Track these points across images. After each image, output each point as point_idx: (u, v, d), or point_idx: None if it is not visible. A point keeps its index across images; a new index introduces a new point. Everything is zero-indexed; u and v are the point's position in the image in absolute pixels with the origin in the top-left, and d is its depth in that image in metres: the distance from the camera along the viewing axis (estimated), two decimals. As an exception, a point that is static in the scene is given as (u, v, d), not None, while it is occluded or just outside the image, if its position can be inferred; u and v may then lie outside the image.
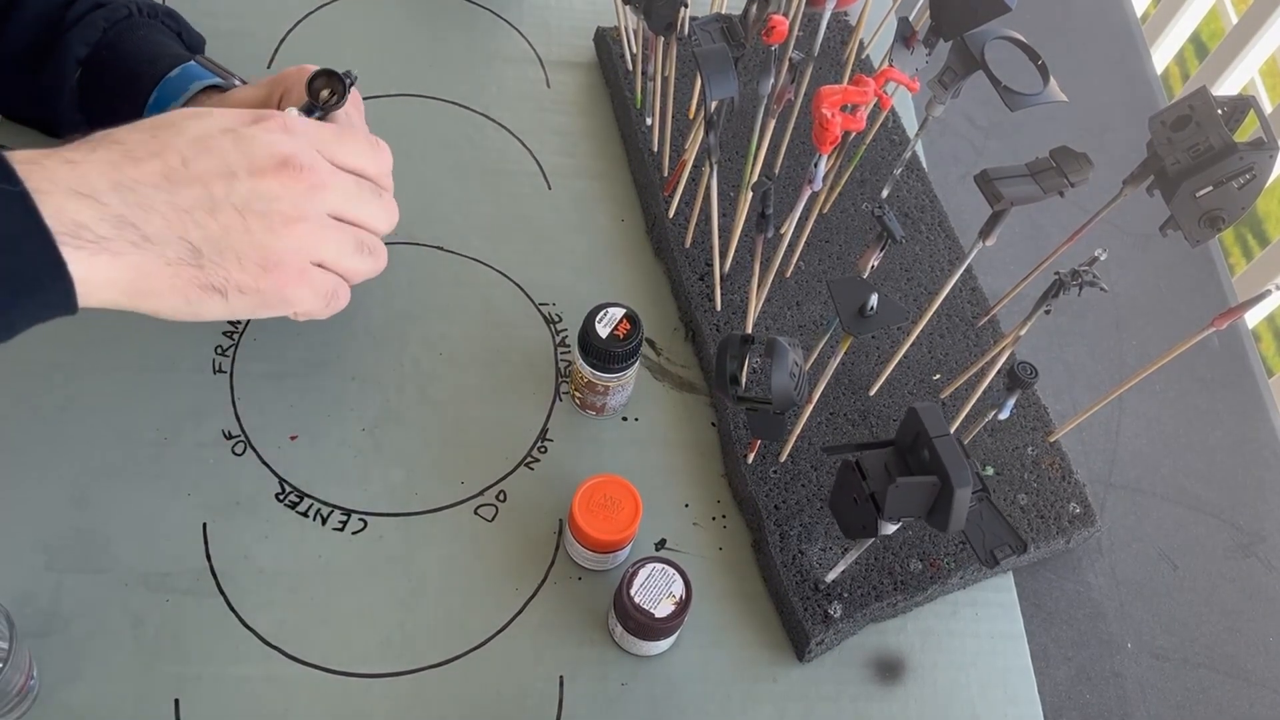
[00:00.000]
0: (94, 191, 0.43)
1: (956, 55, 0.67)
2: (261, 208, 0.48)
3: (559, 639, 0.64)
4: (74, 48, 0.66)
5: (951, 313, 0.78)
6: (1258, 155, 0.59)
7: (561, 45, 0.90)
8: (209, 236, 0.46)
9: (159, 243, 0.45)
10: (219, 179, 0.46)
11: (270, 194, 0.48)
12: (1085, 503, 0.72)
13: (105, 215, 0.43)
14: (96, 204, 0.43)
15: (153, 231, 0.45)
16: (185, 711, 0.58)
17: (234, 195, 0.47)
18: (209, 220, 0.46)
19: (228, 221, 0.47)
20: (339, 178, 0.53)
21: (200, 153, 0.46)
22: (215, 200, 0.46)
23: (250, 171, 0.47)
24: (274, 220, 0.48)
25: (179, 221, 0.45)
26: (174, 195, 0.45)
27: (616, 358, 0.65)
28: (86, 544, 0.62)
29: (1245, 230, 2.15)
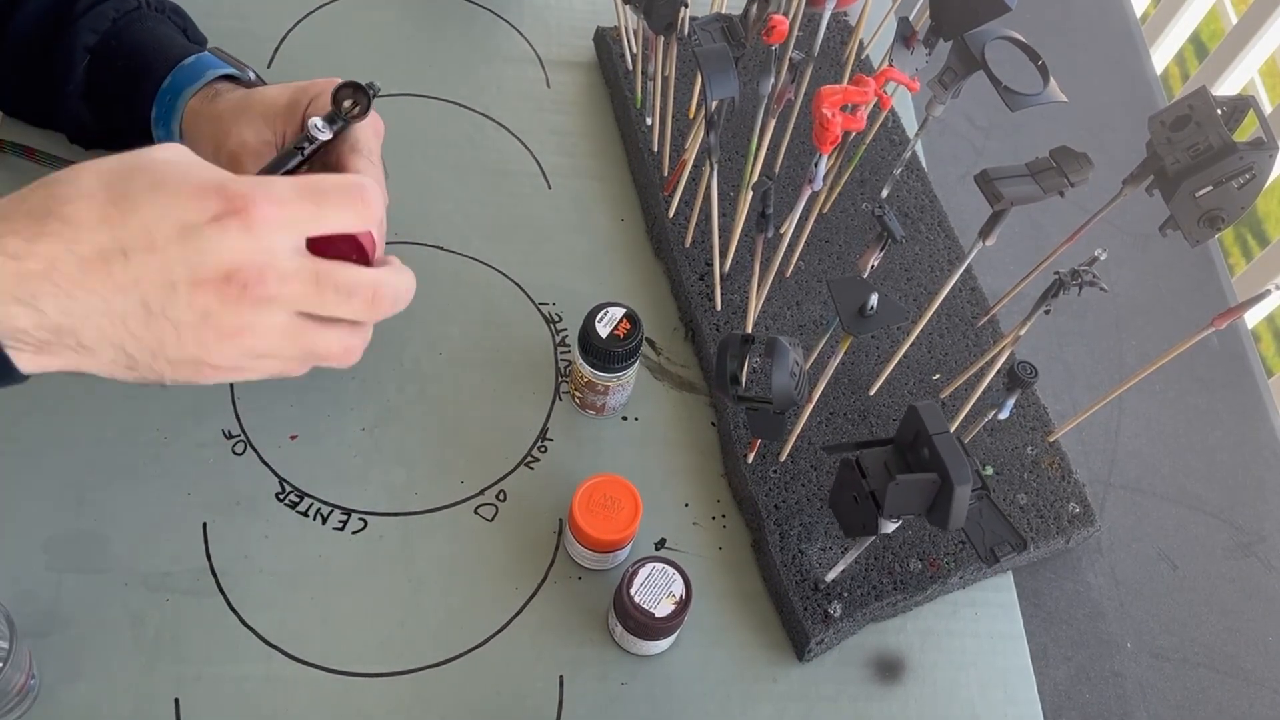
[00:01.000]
0: (34, 298, 0.42)
1: (956, 55, 0.67)
2: (197, 322, 0.45)
3: (559, 639, 0.64)
4: (82, 36, 0.66)
5: (951, 313, 0.78)
6: (1257, 155, 0.59)
7: (561, 45, 0.90)
8: (143, 346, 0.45)
9: (95, 349, 0.45)
10: (157, 289, 0.44)
11: (208, 309, 0.45)
12: (1085, 502, 0.72)
13: (44, 323, 0.43)
14: (36, 311, 0.42)
15: (89, 340, 0.45)
16: (185, 711, 0.58)
17: (170, 309, 0.44)
18: (143, 331, 0.45)
19: (161, 333, 0.45)
20: (291, 287, 0.47)
21: (144, 252, 0.43)
22: (151, 312, 0.44)
23: (191, 283, 0.44)
24: (207, 335, 0.46)
25: (114, 331, 0.45)
26: (110, 303, 0.44)
27: (616, 358, 0.65)
28: (86, 544, 0.62)
29: (1245, 230, 2.15)
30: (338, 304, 0.49)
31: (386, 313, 0.51)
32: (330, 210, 0.48)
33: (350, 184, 0.49)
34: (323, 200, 0.47)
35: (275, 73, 0.82)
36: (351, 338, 0.51)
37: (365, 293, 0.49)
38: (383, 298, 0.50)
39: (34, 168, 0.72)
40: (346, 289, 0.48)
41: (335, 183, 0.48)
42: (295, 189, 0.47)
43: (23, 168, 0.73)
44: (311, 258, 0.48)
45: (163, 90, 0.66)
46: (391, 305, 0.51)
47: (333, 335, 0.50)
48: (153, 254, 0.43)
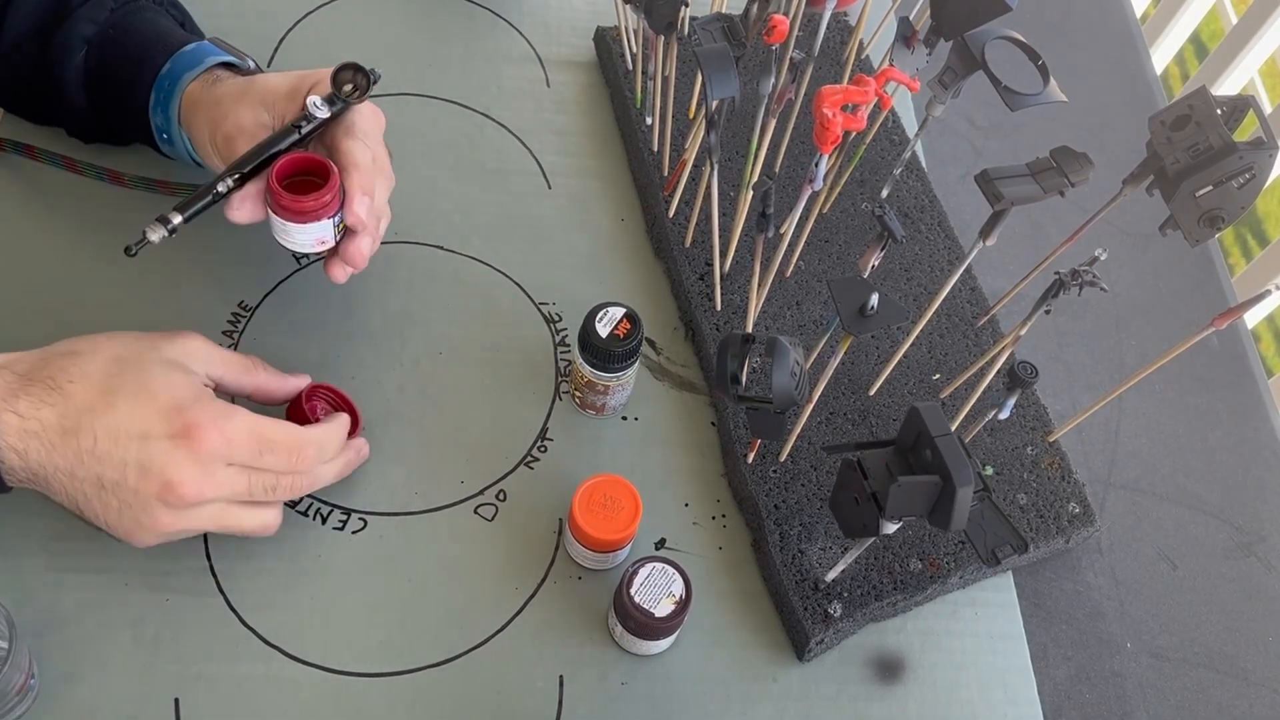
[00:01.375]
0: (25, 451, 0.53)
1: (956, 55, 0.67)
2: (140, 504, 0.55)
3: (559, 639, 0.64)
4: (80, 25, 0.66)
5: (951, 313, 0.78)
6: (1257, 155, 0.59)
7: (561, 45, 0.90)
8: (91, 507, 0.55)
9: (55, 494, 0.55)
10: (112, 471, 0.54)
11: (147, 501, 0.54)
12: (1085, 502, 0.72)
13: (26, 468, 0.54)
14: (24, 460, 0.53)
15: (53, 489, 0.55)
16: (185, 711, 0.58)
17: (120, 492, 0.54)
18: (95, 498, 0.55)
19: (107, 504, 0.55)
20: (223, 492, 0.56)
21: (109, 443, 0.53)
22: (103, 487, 0.54)
23: (139, 477, 0.54)
24: (144, 519, 0.55)
25: (73, 489, 0.55)
26: (76, 470, 0.54)
27: (616, 358, 0.65)
28: (86, 544, 0.61)
29: (1245, 230, 2.15)
30: (263, 496, 0.58)
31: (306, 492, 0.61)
32: (269, 459, 0.57)
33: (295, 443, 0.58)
34: (267, 449, 0.57)
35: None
36: (268, 514, 0.60)
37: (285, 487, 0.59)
38: (301, 488, 0.60)
39: (34, 166, 0.72)
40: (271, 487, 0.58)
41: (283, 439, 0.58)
42: (247, 432, 0.56)
43: (23, 166, 0.73)
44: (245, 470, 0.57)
45: (161, 76, 0.66)
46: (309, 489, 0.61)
47: (254, 515, 0.59)
48: (115, 446, 0.54)
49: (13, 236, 0.71)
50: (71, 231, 0.72)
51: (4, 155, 0.73)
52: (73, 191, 0.73)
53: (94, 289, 0.70)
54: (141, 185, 0.71)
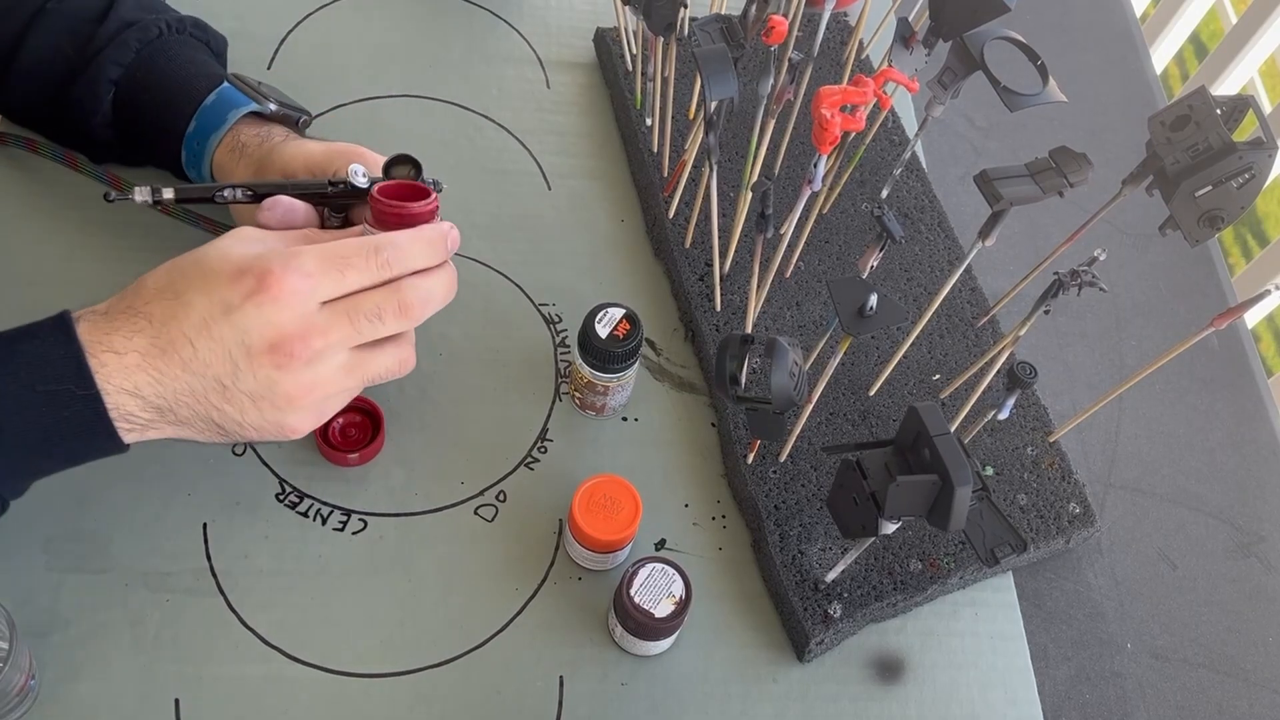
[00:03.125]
0: (137, 388, 0.51)
1: (956, 55, 0.67)
2: (264, 392, 0.53)
3: (559, 639, 0.64)
4: (107, 69, 0.66)
5: (951, 313, 0.78)
6: (1257, 155, 0.59)
7: (561, 45, 0.90)
8: (228, 416, 0.54)
9: (189, 423, 0.54)
10: (224, 366, 0.52)
11: (269, 378, 0.53)
12: (1085, 503, 0.72)
13: (147, 406, 0.52)
14: (139, 399, 0.52)
15: (183, 416, 0.53)
16: (185, 711, 0.58)
17: (240, 383, 0.53)
18: (224, 404, 0.53)
19: (240, 404, 0.53)
20: (335, 337, 0.54)
21: (205, 340, 0.52)
22: (226, 388, 0.53)
23: (247, 358, 0.52)
24: (279, 400, 0.53)
25: (201, 406, 0.53)
26: (193, 384, 0.52)
27: (616, 358, 0.65)
28: (86, 544, 0.62)
29: (1245, 230, 2.15)
30: (374, 329, 0.55)
31: (422, 314, 0.57)
32: (353, 276, 0.54)
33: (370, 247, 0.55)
34: (346, 267, 0.54)
35: (275, 74, 0.82)
36: (401, 350, 0.58)
37: (391, 308, 0.55)
38: (410, 304, 0.56)
39: (36, 159, 0.73)
40: (376, 313, 0.55)
41: (355, 247, 0.55)
42: (318, 257, 0.53)
43: (25, 159, 0.73)
44: (337, 303, 0.54)
45: (189, 135, 0.67)
46: (423, 307, 0.57)
47: (384, 355, 0.57)
48: (211, 339, 0.52)
49: (12, 230, 0.71)
50: (71, 226, 0.72)
51: (7, 149, 0.73)
52: (73, 186, 0.73)
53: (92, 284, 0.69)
54: None
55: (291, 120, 0.70)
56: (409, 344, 0.59)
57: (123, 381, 0.51)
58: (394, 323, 0.56)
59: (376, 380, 0.58)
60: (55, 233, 0.72)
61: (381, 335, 0.56)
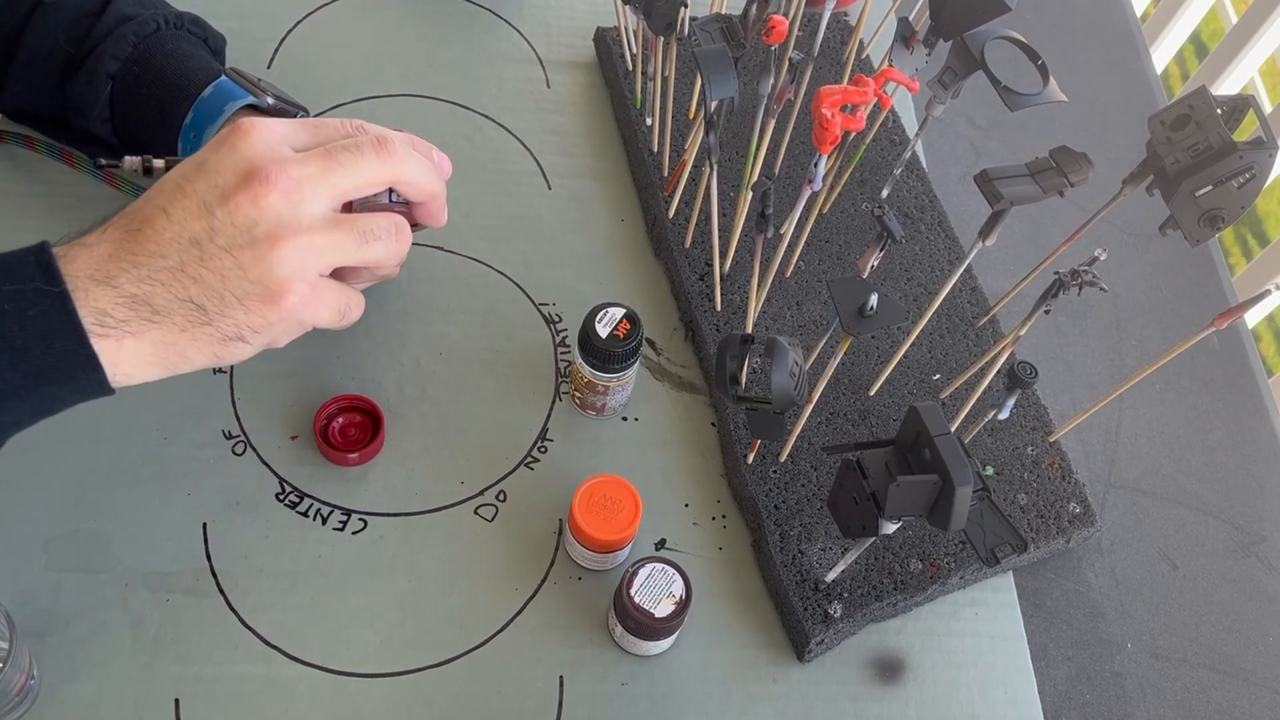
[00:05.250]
0: (108, 276, 0.47)
1: (956, 55, 0.67)
2: (245, 238, 0.49)
3: (559, 639, 0.64)
4: (105, 63, 0.66)
5: (951, 313, 0.78)
6: (1257, 154, 0.59)
7: (561, 45, 0.90)
8: (209, 288, 0.49)
9: (167, 312, 0.48)
10: (200, 222, 0.48)
11: (247, 218, 0.49)
12: (1085, 503, 0.72)
13: (120, 298, 0.47)
14: (111, 288, 0.47)
15: (160, 303, 0.48)
16: (185, 711, 0.58)
17: (216, 234, 0.48)
18: (203, 271, 0.48)
19: (220, 265, 0.49)
20: (312, 168, 0.51)
21: (176, 197, 0.48)
22: (201, 246, 0.48)
23: (221, 198, 0.48)
24: (261, 247, 0.49)
25: (178, 284, 0.48)
26: (169, 255, 0.48)
27: (616, 358, 0.65)
28: (86, 544, 0.62)
29: (1245, 230, 2.15)
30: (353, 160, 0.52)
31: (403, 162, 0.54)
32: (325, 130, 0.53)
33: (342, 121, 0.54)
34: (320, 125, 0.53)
35: (275, 73, 0.82)
36: (394, 243, 0.54)
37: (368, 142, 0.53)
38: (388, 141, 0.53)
39: (34, 157, 0.73)
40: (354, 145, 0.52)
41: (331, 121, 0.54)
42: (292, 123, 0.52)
43: (23, 157, 0.73)
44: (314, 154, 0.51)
45: (185, 127, 0.67)
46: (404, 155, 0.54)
47: (378, 216, 0.53)
48: (184, 196, 0.48)
49: (11, 229, 0.71)
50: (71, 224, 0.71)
51: (5, 146, 0.73)
52: (72, 184, 0.73)
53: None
54: (133, 191, 0.71)
55: (289, 115, 0.70)
56: (405, 238, 0.55)
57: (94, 270, 0.47)
58: (372, 157, 0.53)
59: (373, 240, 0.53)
60: (54, 232, 0.71)
61: (362, 171, 0.52)
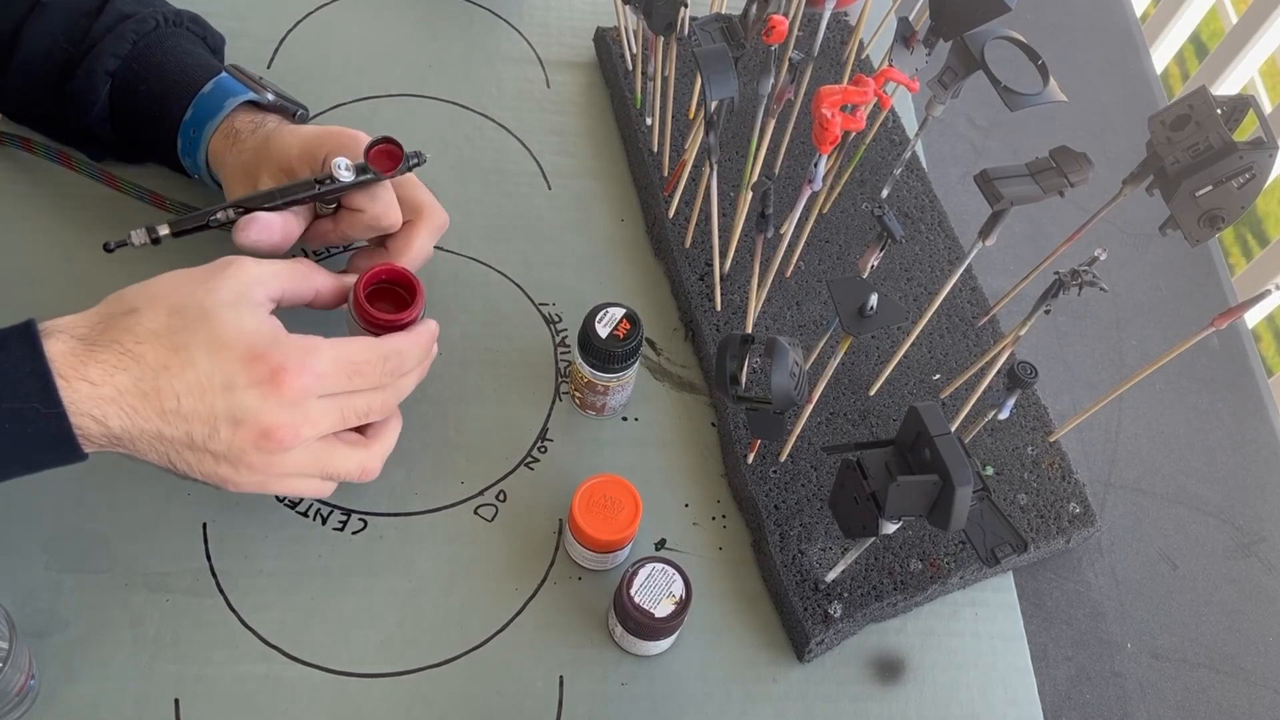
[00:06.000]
0: (104, 418, 0.51)
1: (956, 55, 0.67)
2: (234, 458, 0.54)
3: (559, 639, 0.64)
4: (104, 60, 0.66)
5: (951, 313, 0.78)
6: (1257, 154, 0.59)
7: (561, 45, 0.90)
8: (184, 461, 0.54)
9: (144, 455, 0.54)
10: (203, 429, 0.53)
11: (244, 450, 0.54)
12: (1085, 503, 0.72)
13: (107, 434, 0.52)
14: (103, 427, 0.51)
15: (140, 449, 0.54)
16: (185, 711, 0.58)
17: (212, 444, 0.53)
18: (186, 453, 0.54)
19: (200, 458, 0.54)
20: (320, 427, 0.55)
21: (193, 400, 0.52)
22: (194, 442, 0.53)
23: (232, 429, 0.53)
24: (241, 466, 0.54)
25: (161, 448, 0.54)
26: (164, 431, 0.53)
27: (616, 358, 0.65)
28: (86, 544, 0.62)
29: (1245, 230, 2.15)
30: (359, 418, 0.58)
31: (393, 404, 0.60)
32: (358, 381, 0.56)
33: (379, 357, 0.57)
34: (354, 373, 0.56)
35: (275, 73, 0.82)
36: (365, 457, 0.59)
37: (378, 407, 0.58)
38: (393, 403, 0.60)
39: (31, 159, 0.73)
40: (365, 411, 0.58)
41: (368, 357, 0.57)
42: (333, 361, 0.55)
43: (22, 159, 0.73)
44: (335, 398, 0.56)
45: (185, 123, 0.67)
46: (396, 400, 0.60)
47: (350, 456, 0.58)
48: (201, 402, 0.52)
49: (9, 230, 0.71)
50: (69, 226, 0.72)
51: (2, 149, 0.73)
52: (71, 185, 0.73)
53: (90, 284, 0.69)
54: (133, 191, 0.71)
55: (288, 112, 0.70)
56: (377, 453, 0.60)
57: (92, 409, 0.51)
58: (375, 417, 0.59)
59: (333, 478, 0.59)
60: (53, 232, 0.72)
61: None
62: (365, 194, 0.63)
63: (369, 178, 0.62)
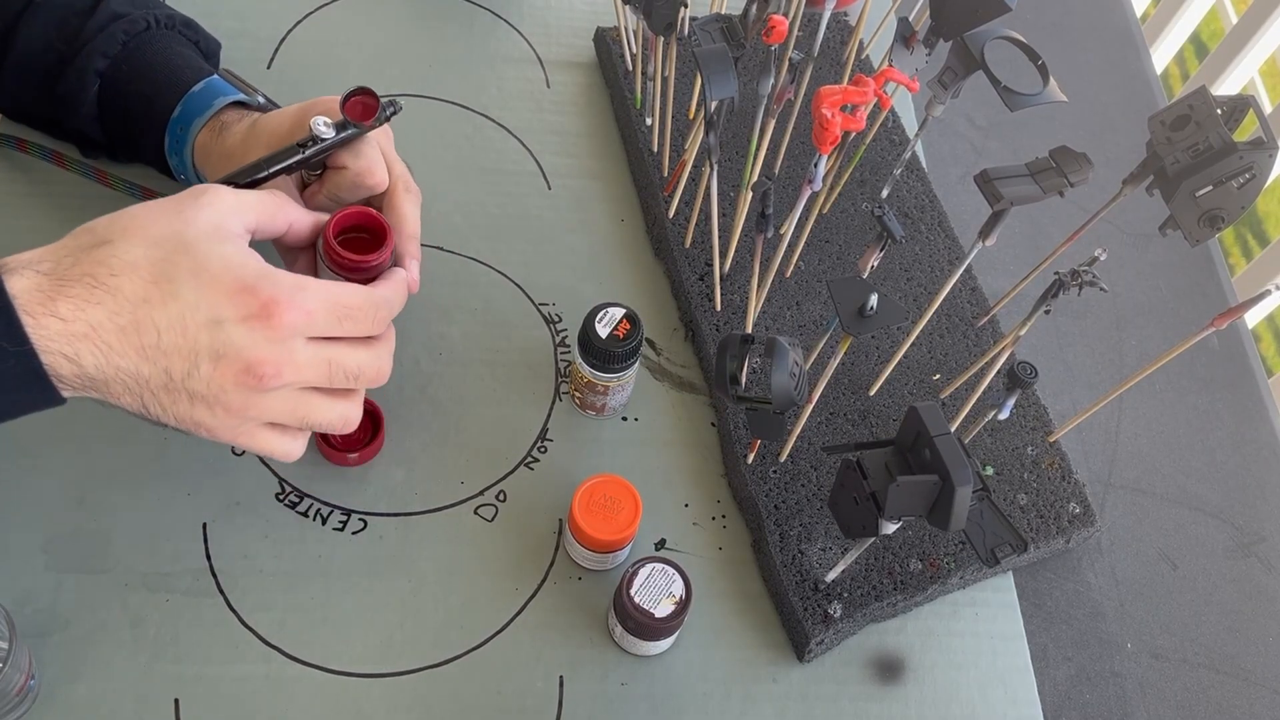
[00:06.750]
0: (76, 355, 0.48)
1: (956, 55, 0.67)
2: (210, 398, 0.51)
3: (559, 639, 0.64)
4: (94, 60, 0.66)
5: (951, 313, 0.78)
6: (1257, 155, 0.59)
7: (561, 45, 0.90)
8: (158, 402, 0.51)
9: (116, 397, 0.51)
10: (181, 363, 0.50)
11: (223, 388, 0.51)
12: (1085, 503, 0.72)
13: (80, 374, 0.49)
14: (75, 366, 0.49)
15: (114, 394, 0.51)
16: (185, 711, 0.58)
17: (190, 382, 0.51)
18: (162, 393, 0.51)
19: (176, 398, 0.51)
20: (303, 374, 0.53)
21: (175, 334, 0.50)
22: (172, 380, 0.50)
23: (212, 364, 0.50)
24: (218, 408, 0.52)
25: (137, 388, 0.51)
26: (140, 369, 0.50)
27: (616, 358, 0.65)
28: (86, 544, 0.62)
29: (1245, 230, 2.15)
30: (345, 382, 0.55)
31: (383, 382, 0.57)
32: (348, 325, 0.54)
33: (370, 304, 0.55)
34: (345, 315, 0.54)
35: (275, 73, 0.82)
36: (347, 406, 0.57)
37: (370, 372, 0.56)
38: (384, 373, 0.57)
39: (26, 159, 0.73)
40: (354, 372, 0.55)
41: (360, 302, 0.54)
42: (324, 300, 0.53)
43: (16, 159, 0.73)
44: (323, 344, 0.54)
45: (173, 120, 0.66)
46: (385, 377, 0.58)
47: (331, 406, 0.56)
48: (183, 337, 0.50)
49: (6, 229, 0.71)
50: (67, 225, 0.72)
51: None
52: (67, 185, 0.73)
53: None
54: (125, 188, 0.71)
55: None
56: (357, 402, 0.58)
57: (63, 347, 0.48)
58: (365, 384, 0.56)
59: (311, 429, 0.56)
60: (52, 232, 0.71)
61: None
62: (348, 151, 0.61)
63: (351, 132, 0.60)
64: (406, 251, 0.62)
